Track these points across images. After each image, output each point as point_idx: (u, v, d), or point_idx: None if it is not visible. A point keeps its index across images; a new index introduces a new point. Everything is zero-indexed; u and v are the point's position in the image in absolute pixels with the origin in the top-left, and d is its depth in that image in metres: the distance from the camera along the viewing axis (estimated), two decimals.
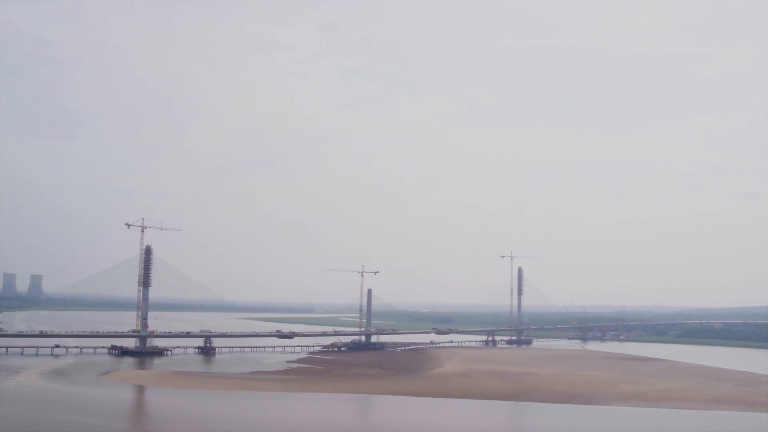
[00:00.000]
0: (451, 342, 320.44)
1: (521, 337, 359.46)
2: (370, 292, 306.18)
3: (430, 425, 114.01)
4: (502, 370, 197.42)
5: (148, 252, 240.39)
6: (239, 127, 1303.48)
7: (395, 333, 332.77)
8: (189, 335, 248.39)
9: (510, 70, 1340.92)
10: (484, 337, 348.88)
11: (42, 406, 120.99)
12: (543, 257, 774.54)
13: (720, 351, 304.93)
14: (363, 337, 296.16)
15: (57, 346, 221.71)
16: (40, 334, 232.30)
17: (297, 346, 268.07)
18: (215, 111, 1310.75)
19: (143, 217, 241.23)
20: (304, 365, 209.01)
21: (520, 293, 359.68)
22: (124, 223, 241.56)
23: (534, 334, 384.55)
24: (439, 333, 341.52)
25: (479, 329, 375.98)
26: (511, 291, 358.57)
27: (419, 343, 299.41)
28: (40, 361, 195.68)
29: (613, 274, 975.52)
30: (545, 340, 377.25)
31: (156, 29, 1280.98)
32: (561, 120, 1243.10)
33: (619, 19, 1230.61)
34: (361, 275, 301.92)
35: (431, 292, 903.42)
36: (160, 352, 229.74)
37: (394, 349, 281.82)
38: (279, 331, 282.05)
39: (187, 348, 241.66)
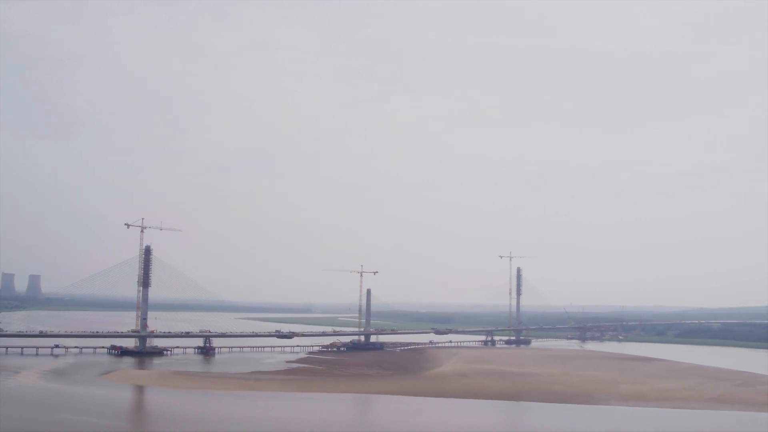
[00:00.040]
0: (450, 342, 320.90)
1: (520, 337, 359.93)
2: (369, 292, 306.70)
3: (429, 425, 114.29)
4: (501, 370, 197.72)
5: (147, 252, 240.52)
6: (239, 127, 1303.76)
7: (394, 333, 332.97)
8: (188, 335, 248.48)
9: (510, 70, 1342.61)
10: (483, 337, 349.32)
11: (42, 406, 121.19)
12: (543, 257, 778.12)
13: (718, 351, 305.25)
14: (362, 337, 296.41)
15: (57, 346, 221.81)
16: (39, 334, 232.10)
17: (296, 346, 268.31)
18: (215, 111, 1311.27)
19: (143, 218, 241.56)
20: (303, 365, 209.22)
21: (518, 293, 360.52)
22: (123, 223, 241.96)
23: (533, 334, 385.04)
24: (438, 333, 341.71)
25: (478, 329, 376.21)
26: (510, 291, 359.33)
27: (418, 343, 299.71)
28: (39, 361, 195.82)
29: (613, 274, 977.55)
30: (544, 340, 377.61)
31: (156, 29, 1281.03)
32: (561, 120, 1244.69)
33: (619, 19, 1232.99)
34: (361, 275, 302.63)
35: (430, 292, 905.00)
36: (159, 352, 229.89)
37: (393, 349, 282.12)
38: (278, 331, 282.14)
39: (187, 348, 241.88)
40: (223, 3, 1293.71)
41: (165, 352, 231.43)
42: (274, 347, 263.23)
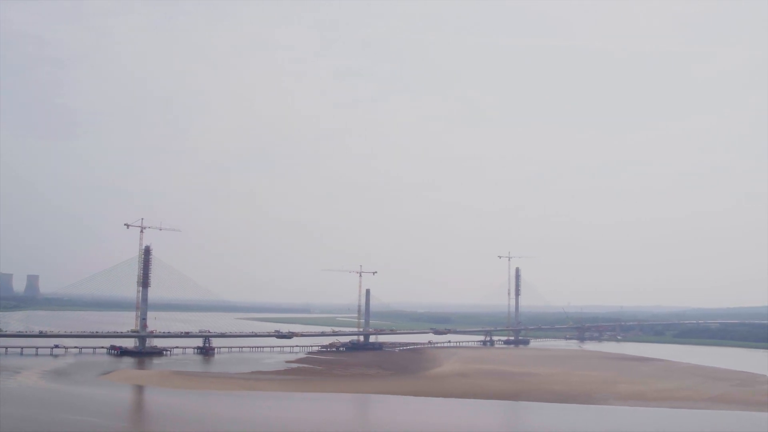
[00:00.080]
0: (449, 342, 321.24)
1: (519, 337, 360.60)
2: (368, 292, 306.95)
3: (429, 425, 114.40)
4: (500, 369, 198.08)
5: (147, 252, 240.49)
6: (239, 127, 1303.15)
7: (393, 333, 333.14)
8: (188, 335, 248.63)
9: (510, 70, 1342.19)
10: (481, 337, 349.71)
11: (42, 406, 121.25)
12: (542, 257, 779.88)
13: (717, 351, 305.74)
14: (361, 337, 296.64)
15: (56, 346, 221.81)
16: (39, 334, 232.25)
17: (295, 346, 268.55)
18: (215, 111, 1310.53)
19: (142, 218, 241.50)
20: (303, 365, 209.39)
21: (517, 293, 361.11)
22: (123, 224, 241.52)
23: (531, 334, 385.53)
24: (437, 333, 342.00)
25: (477, 329, 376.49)
26: (509, 291, 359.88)
27: (417, 343, 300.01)
28: (39, 361, 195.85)
29: (613, 274, 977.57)
30: (543, 340, 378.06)
31: (155, 29, 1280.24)
32: (561, 120, 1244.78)
33: (619, 19, 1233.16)
34: (360, 275, 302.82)
35: (430, 292, 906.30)
36: (159, 352, 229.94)
37: (392, 349, 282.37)
38: (278, 332, 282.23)
39: (186, 348, 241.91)
40: (223, 3, 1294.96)
41: (164, 352, 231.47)
42: (273, 347, 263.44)
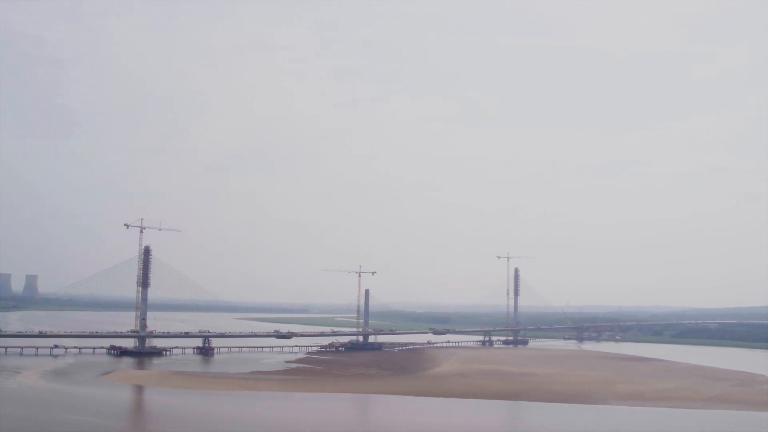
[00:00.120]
0: (448, 342, 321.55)
1: (518, 338, 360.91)
2: (367, 292, 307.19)
3: (429, 425, 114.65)
4: (499, 370, 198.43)
5: (147, 252, 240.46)
6: (238, 127, 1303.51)
7: (393, 333, 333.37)
8: (188, 335, 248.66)
9: (510, 70, 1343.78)
10: (480, 338, 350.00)
11: (43, 406, 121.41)
12: (542, 257, 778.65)
13: (716, 351, 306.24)
14: (361, 338, 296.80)
15: (56, 346, 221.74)
16: (39, 334, 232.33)
17: (295, 346, 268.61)
18: (214, 111, 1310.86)
19: (142, 218, 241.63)
20: (302, 365, 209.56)
21: (516, 294, 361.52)
22: (122, 224, 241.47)
23: (530, 334, 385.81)
24: (436, 333, 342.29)
25: (476, 329, 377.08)
26: (508, 291, 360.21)
27: (416, 344, 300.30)
28: (39, 362, 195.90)
29: (613, 274, 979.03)
30: (541, 340, 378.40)
31: (155, 29, 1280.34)
32: (561, 120, 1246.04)
33: (619, 19, 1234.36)
34: (359, 275, 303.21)
35: (429, 292, 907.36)
36: (159, 352, 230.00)
37: (391, 350, 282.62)
38: (277, 332, 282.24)
39: (186, 348, 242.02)
40: (223, 3, 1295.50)
41: (164, 352, 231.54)
42: (272, 347, 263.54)
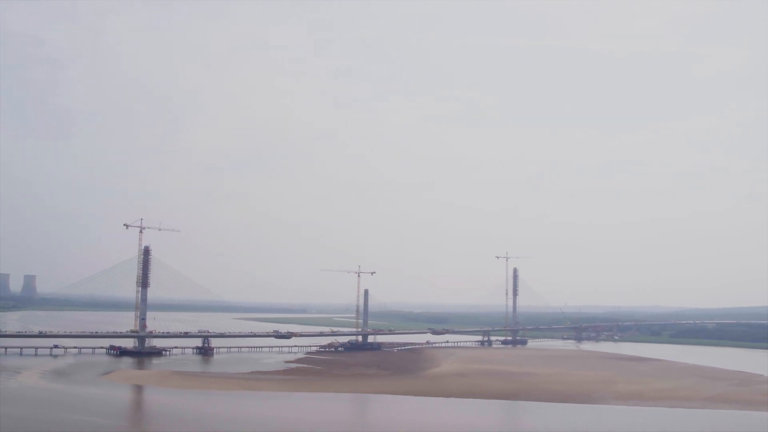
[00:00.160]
0: (447, 342, 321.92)
1: (516, 338, 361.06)
2: (366, 292, 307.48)
3: (428, 424, 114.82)
4: (499, 369, 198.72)
5: (146, 252, 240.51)
6: (234, 127, 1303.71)
7: (392, 333, 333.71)
8: (187, 335, 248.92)
9: (509, 70, 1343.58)
10: (479, 338, 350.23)
11: (43, 406, 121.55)
12: (542, 257, 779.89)
13: (714, 351, 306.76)
14: (360, 338, 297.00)
15: (56, 346, 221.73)
16: (39, 334, 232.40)
17: (294, 346, 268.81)
18: (210, 111, 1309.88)
19: (141, 218, 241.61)
20: (302, 365, 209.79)
21: (515, 294, 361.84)
22: (121, 224, 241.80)
23: (529, 334, 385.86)
24: (435, 333, 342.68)
25: (475, 329, 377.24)
26: (507, 291, 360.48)
27: (415, 344, 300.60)
28: (39, 362, 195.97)
29: (613, 274, 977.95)
30: (540, 340, 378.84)
31: (152, 29, 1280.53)
32: (560, 120, 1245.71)
33: (619, 20, 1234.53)
34: (358, 276, 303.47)
35: (428, 292, 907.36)
36: (158, 352, 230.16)
37: (390, 349, 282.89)
38: (276, 332, 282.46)
39: (186, 348, 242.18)
40: (218, 3, 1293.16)
41: (164, 352, 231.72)
42: (272, 347, 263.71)
